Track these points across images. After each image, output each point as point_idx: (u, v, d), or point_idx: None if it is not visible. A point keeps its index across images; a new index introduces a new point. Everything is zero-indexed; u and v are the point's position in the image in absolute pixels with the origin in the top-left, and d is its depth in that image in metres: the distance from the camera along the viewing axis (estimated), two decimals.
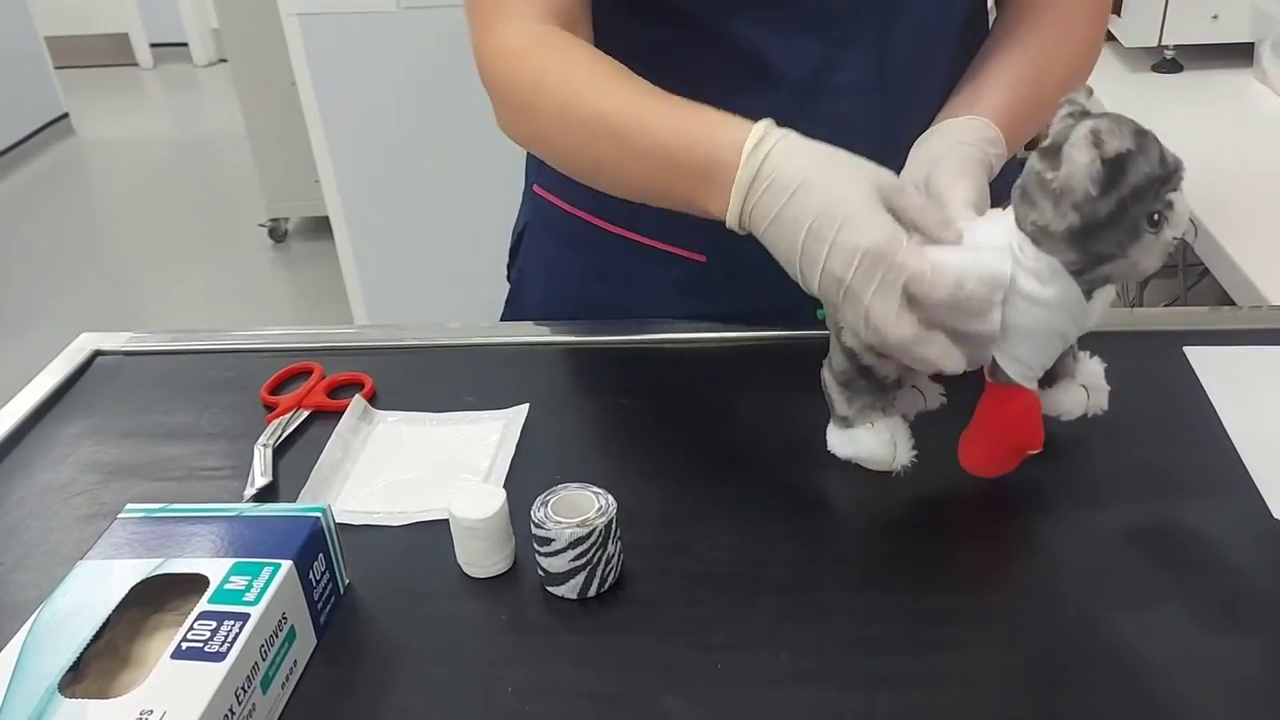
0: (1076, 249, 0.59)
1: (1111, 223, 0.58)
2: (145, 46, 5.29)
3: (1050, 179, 0.58)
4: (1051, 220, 0.58)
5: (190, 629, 0.52)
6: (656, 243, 0.87)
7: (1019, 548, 0.66)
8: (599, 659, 0.58)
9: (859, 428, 0.67)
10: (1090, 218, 0.57)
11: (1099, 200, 0.57)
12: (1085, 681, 0.55)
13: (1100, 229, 0.58)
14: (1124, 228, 0.58)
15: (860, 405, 0.67)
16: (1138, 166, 0.57)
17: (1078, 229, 0.58)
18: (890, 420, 0.68)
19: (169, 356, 0.91)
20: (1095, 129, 0.56)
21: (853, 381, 0.66)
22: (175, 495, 0.73)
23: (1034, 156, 0.60)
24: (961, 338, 0.61)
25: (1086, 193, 0.56)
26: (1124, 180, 0.56)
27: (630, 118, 0.69)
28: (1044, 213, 0.59)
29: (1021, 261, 0.60)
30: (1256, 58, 1.55)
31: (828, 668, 0.57)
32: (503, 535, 0.63)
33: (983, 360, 0.64)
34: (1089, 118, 0.58)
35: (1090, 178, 0.56)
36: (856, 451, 0.68)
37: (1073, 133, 0.57)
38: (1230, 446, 0.71)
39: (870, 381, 0.66)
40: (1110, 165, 0.56)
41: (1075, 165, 0.56)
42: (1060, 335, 0.63)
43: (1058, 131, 0.59)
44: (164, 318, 2.98)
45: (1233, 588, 0.60)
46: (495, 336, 0.90)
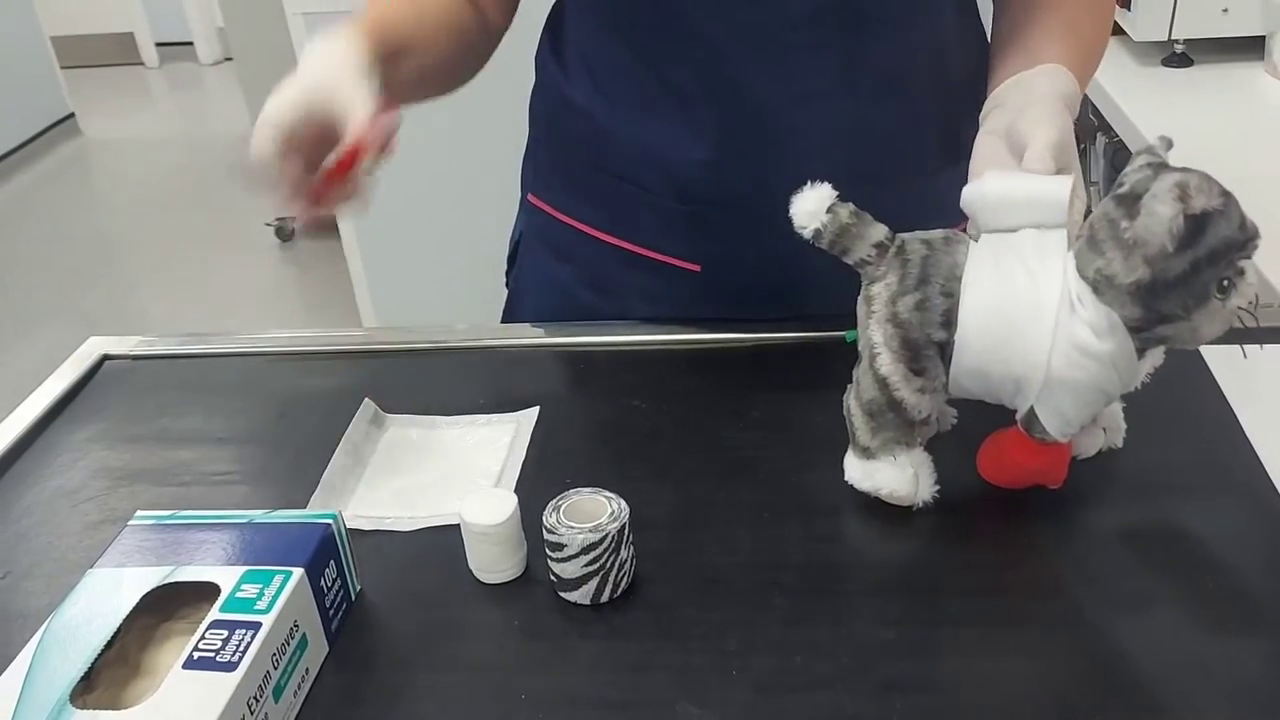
0: (1141, 304, 0.57)
1: (1182, 282, 0.56)
2: (151, 46, 5.29)
3: (1125, 228, 0.56)
4: (1119, 271, 0.57)
5: (202, 638, 0.52)
6: (649, 252, 0.86)
7: (1035, 550, 0.65)
8: (613, 665, 0.58)
9: (880, 460, 0.65)
10: (1161, 274, 0.56)
11: (1174, 257, 0.55)
12: (1103, 686, 0.55)
13: (1169, 287, 0.56)
14: (1193, 289, 0.56)
15: (885, 438, 0.64)
16: (1218, 228, 0.55)
17: (1146, 284, 0.56)
18: (914, 454, 0.65)
19: (178, 360, 0.90)
20: (1183, 183, 0.53)
21: (881, 413, 0.64)
22: (185, 501, 0.73)
23: (1107, 202, 0.58)
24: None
25: (1162, 248, 0.54)
26: (1202, 240, 0.55)
27: None
28: (1112, 262, 0.57)
29: (1078, 311, 0.58)
30: (1267, 51, 1.54)
31: (843, 672, 0.56)
32: (514, 540, 0.62)
33: (1018, 408, 0.62)
34: (1170, 169, 0.56)
35: (1170, 232, 0.54)
36: (877, 486, 0.65)
37: (1155, 184, 0.55)
38: (1249, 447, 0.70)
39: (899, 415, 0.63)
40: (1192, 222, 0.54)
41: (1156, 217, 0.54)
42: (1105, 393, 0.61)
43: (1137, 180, 0.56)
44: (171, 318, 2.99)
45: (1254, 591, 0.60)
46: (504, 339, 0.90)
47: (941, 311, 0.61)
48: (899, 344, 0.62)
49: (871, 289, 0.63)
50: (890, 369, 0.62)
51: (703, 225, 0.82)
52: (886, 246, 0.62)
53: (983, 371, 0.61)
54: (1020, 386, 0.61)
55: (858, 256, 0.63)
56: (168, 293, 3.15)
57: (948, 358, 0.61)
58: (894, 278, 0.62)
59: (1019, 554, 0.65)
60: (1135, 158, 0.59)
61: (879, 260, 0.62)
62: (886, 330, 0.62)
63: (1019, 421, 0.63)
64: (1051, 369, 0.59)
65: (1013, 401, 0.63)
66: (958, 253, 0.62)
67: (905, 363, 0.62)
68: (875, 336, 0.62)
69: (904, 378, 0.62)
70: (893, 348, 0.62)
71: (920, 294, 0.61)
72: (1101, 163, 1.60)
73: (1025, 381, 0.60)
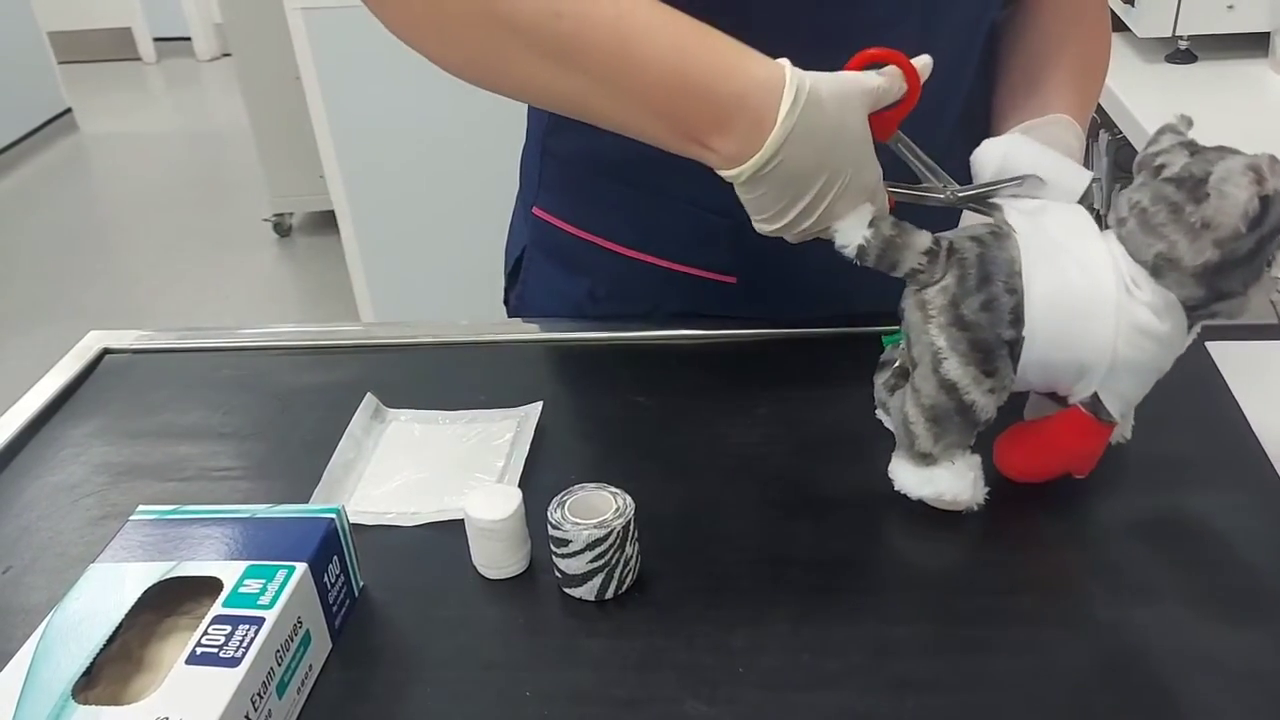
0: (1205, 285, 0.58)
1: (1246, 260, 0.57)
2: (148, 41, 5.28)
3: (1189, 211, 0.56)
4: (1185, 254, 0.57)
5: (205, 633, 0.51)
6: (678, 265, 0.84)
7: (1044, 547, 0.65)
8: (619, 662, 0.57)
9: (940, 466, 0.64)
10: (1230, 255, 0.56)
11: (1244, 238, 0.55)
12: (1115, 683, 0.54)
13: (1235, 266, 0.57)
14: (1255, 267, 0.57)
15: (947, 443, 0.63)
16: (1278, 205, 0.56)
17: (1214, 265, 0.57)
18: (970, 457, 0.64)
19: (179, 355, 0.90)
20: (1255, 165, 0.54)
21: (947, 418, 0.62)
22: (187, 496, 0.72)
23: (1160, 185, 0.58)
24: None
25: (1236, 230, 0.55)
26: (1267, 219, 0.56)
27: (635, 16, 0.60)
28: (1176, 245, 0.57)
29: (1135, 294, 0.59)
30: (1272, 48, 1.53)
31: (851, 670, 0.56)
32: (519, 536, 0.62)
33: (1078, 394, 0.62)
34: (1228, 151, 0.57)
35: (1246, 214, 0.54)
36: (939, 492, 0.64)
37: (1220, 166, 0.55)
38: (1256, 443, 0.70)
39: (965, 419, 0.62)
40: (1263, 203, 0.55)
41: (1232, 200, 0.54)
42: (1161, 371, 0.62)
43: (1188, 163, 0.57)
44: (170, 314, 2.98)
45: (1261, 586, 0.59)
46: (507, 334, 0.89)
47: (1010, 309, 0.60)
48: (968, 346, 0.61)
49: (925, 293, 0.62)
50: (960, 373, 0.61)
51: (743, 237, 0.79)
52: (936, 251, 0.61)
53: (1049, 363, 0.61)
54: (1084, 373, 0.61)
55: (908, 267, 0.61)
56: (166, 288, 3.14)
57: (1016, 355, 0.61)
58: (952, 279, 0.61)
59: (1030, 551, 0.65)
60: (1159, 137, 0.59)
61: (931, 266, 0.61)
62: (951, 334, 0.61)
63: (1081, 405, 0.62)
64: (1117, 353, 0.60)
65: (1072, 387, 0.62)
66: (1010, 247, 0.61)
67: (977, 365, 0.61)
68: (939, 341, 0.61)
69: (975, 380, 0.61)
70: (960, 350, 0.61)
71: (985, 294, 0.60)
72: (1105, 159, 1.59)
73: (1090, 368, 0.61)
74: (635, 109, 0.62)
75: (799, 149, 0.59)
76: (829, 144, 0.59)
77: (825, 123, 0.59)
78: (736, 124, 0.59)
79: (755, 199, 0.61)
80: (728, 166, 0.60)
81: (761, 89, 0.59)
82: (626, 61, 0.60)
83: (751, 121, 0.59)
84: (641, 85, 0.61)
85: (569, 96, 0.64)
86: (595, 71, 0.61)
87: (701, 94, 0.59)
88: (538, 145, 0.90)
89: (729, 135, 0.59)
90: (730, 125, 0.59)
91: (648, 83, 0.60)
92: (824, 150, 0.59)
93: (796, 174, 0.60)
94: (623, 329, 0.86)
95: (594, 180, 0.85)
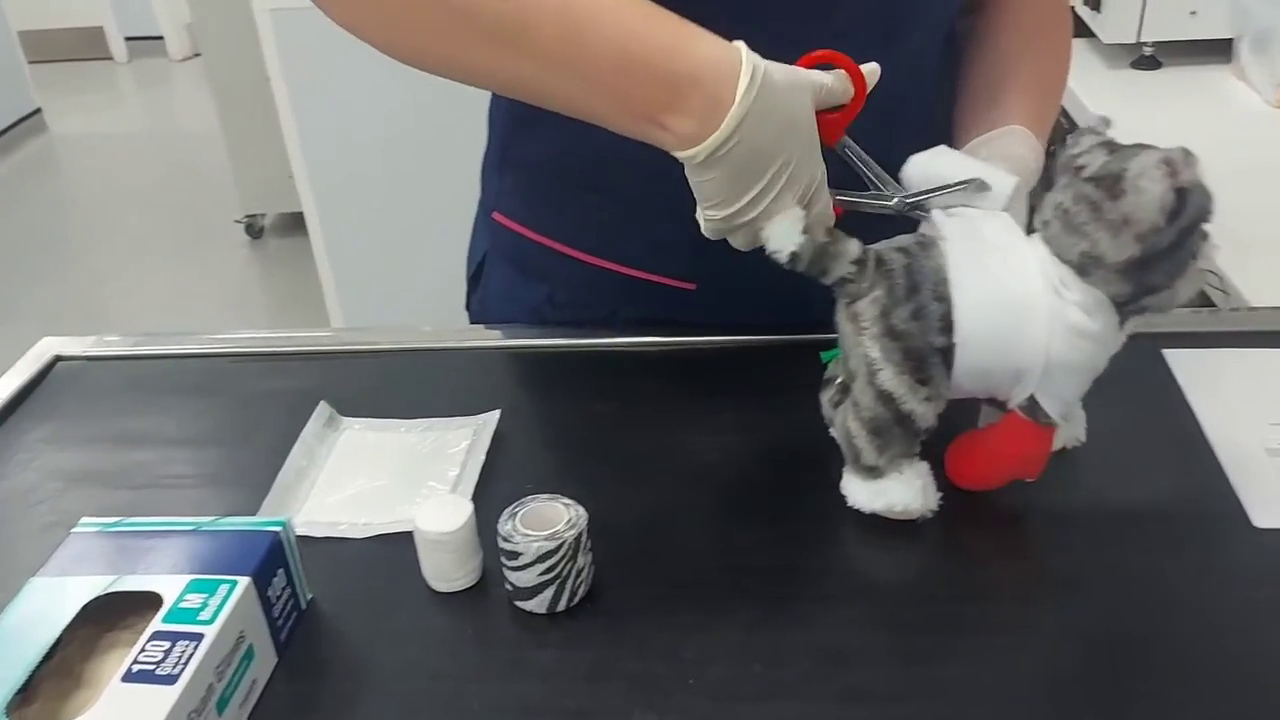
0: (1131, 280, 0.58)
1: (1169, 254, 0.57)
2: (119, 40, 5.22)
3: (1109, 208, 0.56)
4: (1108, 251, 0.57)
5: (142, 650, 0.51)
6: (638, 271, 0.83)
7: (997, 556, 0.65)
8: (568, 673, 0.57)
9: (888, 478, 0.64)
10: (1152, 249, 0.56)
11: (1164, 231, 0.56)
12: (1064, 692, 0.54)
13: (1158, 260, 0.57)
14: (1178, 260, 0.57)
15: (891, 454, 0.63)
16: (1196, 197, 0.56)
17: (1137, 260, 0.57)
18: (917, 465, 0.64)
19: (134, 361, 0.88)
20: (1169, 159, 0.54)
21: (888, 429, 0.62)
22: (139, 504, 0.71)
23: (1080, 185, 0.58)
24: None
25: (1154, 224, 0.55)
26: (1185, 211, 0.56)
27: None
28: (1099, 243, 0.57)
29: (1064, 295, 0.59)
30: (1235, 54, 1.55)
31: (802, 680, 0.56)
32: (469, 548, 0.61)
33: (1015, 398, 0.62)
34: (1141, 147, 0.57)
35: (1162, 208, 0.54)
36: (890, 504, 0.64)
37: (1134, 162, 0.55)
38: (1210, 452, 0.70)
39: (905, 429, 0.62)
40: (1179, 195, 0.55)
41: (1148, 194, 0.54)
42: (1097, 369, 0.62)
43: (1106, 161, 0.57)
44: (139, 316, 2.95)
45: (1212, 596, 0.60)
46: (467, 340, 0.88)
47: (939, 317, 0.60)
48: (901, 356, 0.61)
49: (856, 306, 0.62)
50: (895, 382, 0.61)
51: (702, 244, 0.78)
52: (864, 261, 0.62)
53: (983, 369, 0.61)
54: (1020, 376, 0.61)
55: (838, 274, 0.62)
56: (135, 291, 3.11)
57: (949, 362, 0.61)
58: (881, 290, 0.61)
59: (982, 560, 0.65)
60: (1080, 139, 0.59)
61: (860, 276, 0.61)
62: (884, 344, 0.61)
63: (1019, 409, 0.62)
64: (1050, 355, 0.60)
65: (1010, 392, 0.63)
66: (936, 255, 0.62)
67: (911, 374, 0.61)
68: (873, 352, 0.61)
69: (910, 389, 0.61)
70: (894, 361, 0.61)
71: (914, 303, 0.60)
72: None
73: (1026, 371, 0.61)
74: (588, 90, 0.61)
75: (756, 129, 0.58)
76: (782, 128, 0.59)
77: (779, 106, 0.59)
78: (692, 102, 0.58)
79: (708, 183, 0.60)
80: (684, 147, 0.59)
81: (717, 67, 0.58)
82: (577, 42, 0.59)
83: (709, 100, 0.58)
84: (593, 65, 0.59)
85: (520, 79, 0.63)
86: (546, 53, 0.60)
87: (655, 72, 0.59)
88: (498, 150, 0.89)
89: (685, 114, 0.58)
90: (686, 104, 0.58)
91: (600, 63, 0.59)
92: (778, 134, 0.59)
93: (752, 156, 0.59)
94: (583, 335, 0.86)
95: (553, 186, 0.84)
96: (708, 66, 0.58)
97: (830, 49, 0.63)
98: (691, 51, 0.59)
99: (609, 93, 0.60)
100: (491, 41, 0.60)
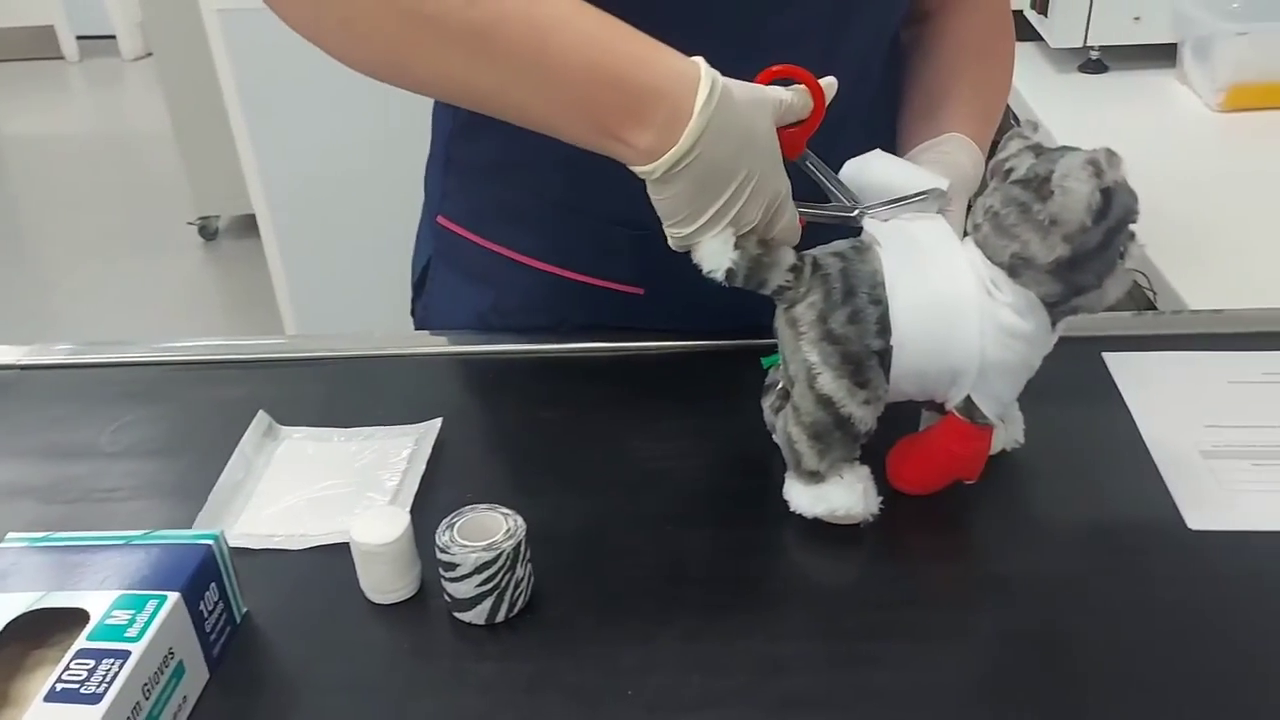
0: (1061, 280, 0.59)
1: (1097, 253, 0.58)
2: (71, 39, 5.13)
3: (1037, 210, 0.57)
4: (1038, 252, 0.58)
5: (66, 668, 0.50)
6: (585, 277, 0.83)
7: (936, 559, 0.65)
8: (506, 686, 0.57)
9: (829, 483, 0.64)
10: (1081, 249, 0.57)
11: (1091, 231, 0.56)
12: (1001, 698, 0.55)
13: (1087, 260, 0.58)
14: (1106, 258, 0.58)
15: (833, 459, 0.63)
16: (1122, 197, 0.57)
17: (1066, 260, 0.57)
18: (857, 469, 0.65)
19: (71, 371, 0.87)
20: (1094, 159, 0.55)
21: (828, 433, 0.63)
22: (71, 518, 0.70)
23: (1008, 187, 0.59)
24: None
25: (1081, 224, 0.56)
26: (1111, 211, 0.56)
27: (551, 6, 0.59)
28: (1029, 244, 0.58)
29: (997, 296, 0.60)
30: (1179, 58, 1.57)
31: (739, 690, 0.56)
32: (407, 560, 0.61)
33: (952, 399, 0.63)
34: (1069, 149, 0.58)
35: (1089, 208, 0.55)
36: (831, 508, 0.64)
37: (1062, 163, 0.56)
38: (1146, 454, 0.71)
39: (846, 432, 0.62)
40: (1104, 195, 0.56)
41: (1074, 195, 0.55)
42: (1031, 368, 0.63)
43: (1034, 163, 0.58)
44: (90, 320, 2.90)
45: (1147, 598, 0.60)
46: (411, 347, 0.88)
47: (875, 320, 0.61)
48: (839, 359, 0.61)
49: (794, 311, 0.62)
50: (834, 386, 0.61)
51: (649, 248, 0.77)
52: (800, 268, 0.62)
53: (920, 370, 0.62)
54: (956, 378, 0.62)
55: (775, 284, 0.62)
56: (87, 294, 3.05)
57: (887, 365, 0.61)
58: (818, 295, 0.61)
59: (922, 564, 0.65)
60: (1007, 143, 0.60)
61: (797, 283, 0.62)
62: (823, 349, 0.61)
63: (956, 411, 0.63)
64: (985, 356, 0.60)
65: (947, 394, 0.63)
66: (871, 259, 0.62)
67: (849, 377, 0.61)
68: (812, 357, 0.61)
69: (849, 392, 0.61)
70: (833, 364, 0.61)
71: (850, 306, 0.61)
72: None
73: (961, 373, 0.61)
74: (550, 102, 0.60)
75: (715, 144, 0.58)
76: (742, 143, 0.59)
77: (739, 121, 0.59)
78: (652, 116, 0.58)
79: (669, 199, 0.60)
80: (643, 161, 0.59)
81: (677, 81, 0.58)
82: (540, 53, 0.59)
83: (668, 114, 0.57)
84: (556, 77, 0.59)
85: (481, 90, 0.62)
86: (508, 63, 0.59)
87: (616, 85, 0.58)
88: (442, 153, 0.88)
89: (645, 128, 0.58)
90: (646, 117, 0.58)
91: (562, 75, 0.59)
92: (738, 149, 0.59)
93: (711, 171, 0.58)
94: (528, 341, 0.85)
95: (498, 190, 0.84)
96: (669, 79, 0.58)
97: (787, 59, 0.63)
98: (653, 63, 0.59)
99: (572, 103, 0.60)
100: (456, 50, 0.60)
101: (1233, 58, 1.43)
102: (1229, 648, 0.57)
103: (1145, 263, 1.12)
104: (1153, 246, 1.11)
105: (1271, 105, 1.45)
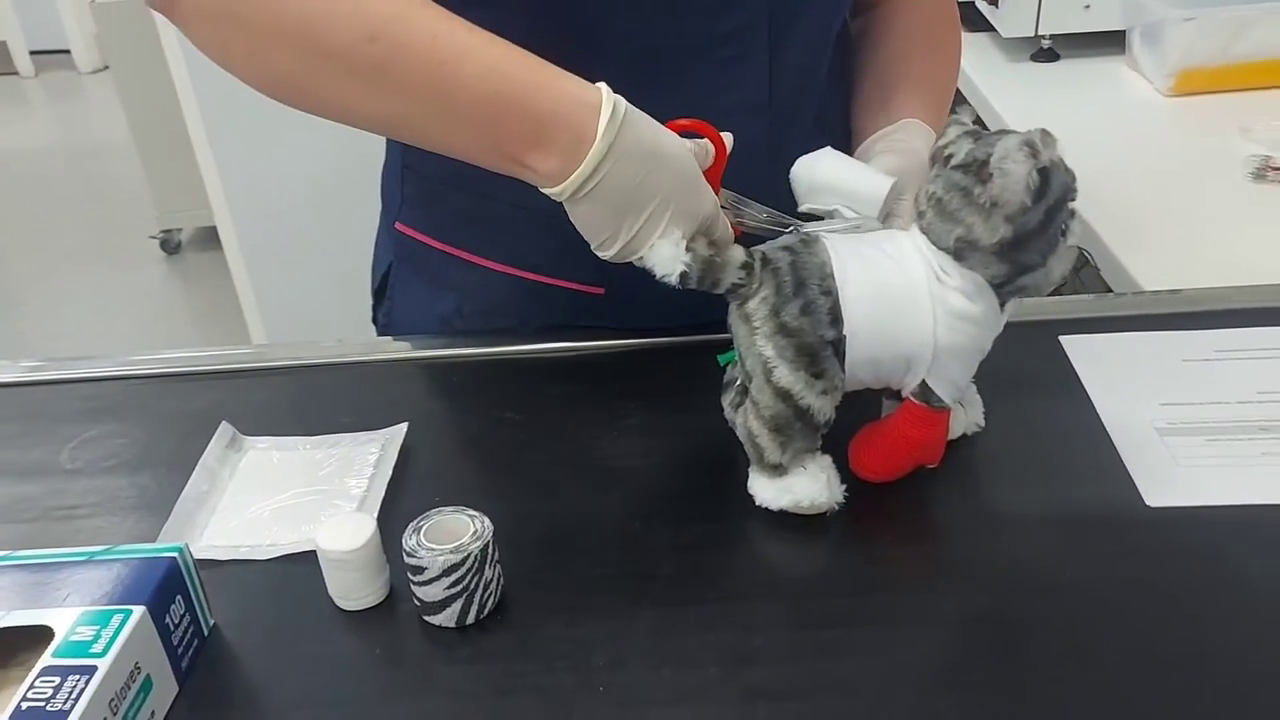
0: (1005, 261, 0.60)
1: (1039, 232, 0.59)
2: (25, 54, 5.07)
3: (978, 193, 0.58)
4: (982, 234, 0.59)
5: (31, 686, 0.49)
6: (545, 278, 0.83)
7: (900, 546, 0.66)
8: (477, 689, 0.57)
9: (792, 474, 0.65)
10: (1022, 229, 0.58)
11: (1031, 210, 0.58)
12: (966, 681, 0.55)
13: (1030, 239, 0.59)
14: (1048, 237, 0.59)
15: (795, 450, 0.64)
16: (1060, 176, 0.58)
17: (1009, 241, 0.59)
18: (820, 459, 0.65)
19: (24, 388, 0.86)
20: (1029, 141, 0.56)
21: (788, 425, 0.63)
22: (31, 537, 0.69)
23: (950, 173, 0.60)
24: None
25: (1021, 204, 0.57)
26: (1049, 190, 0.58)
27: (451, 39, 0.60)
28: (973, 228, 0.59)
29: (945, 281, 0.61)
30: (1128, 45, 1.59)
31: (707, 683, 0.56)
32: (374, 566, 0.61)
33: (908, 385, 0.64)
34: (1004, 132, 0.59)
35: (1028, 188, 0.56)
36: (796, 500, 0.64)
37: (999, 146, 0.57)
38: (1105, 434, 0.72)
39: (805, 424, 0.63)
40: (1042, 175, 0.57)
41: (1013, 176, 0.56)
42: (982, 351, 0.64)
43: (973, 148, 0.59)
44: (52, 336, 2.86)
45: (1109, 576, 0.61)
46: (374, 354, 0.87)
47: (827, 310, 0.61)
48: (794, 352, 0.62)
49: (747, 306, 0.63)
50: (791, 379, 0.62)
51: None
52: (751, 264, 0.63)
53: (874, 359, 0.63)
54: (911, 364, 0.63)
55: (729, 283, 0.63)
56: (48, 310, 3.02)
57: (841, 354, 0.62)
58: (769, 290, 0.62)
59: (886, 550, 0.66)
60: (947, 130, 0.62)
61: (749, 280, 0.62)
62: (777, 342, 0.62)
63: (912, 396, 0.64)
64: (937, 340, 0.61)
65: (902, 380, 0.64)
66: (820, 251, 0.63)
67: (805, 369, 0.62)
68: (767, 351, 0.62)
69: (806, 384, 0.62)
70: (788, 357, 0.62)
71: (802, 298, 0.61)
72: None
73: (915, 359, 0.62)
74: (452, 130, 0.62)
75: (620, 166, 0.59)
76: (649, 164, 0.60)
77: (644, 142, 0.60)
78: (555, 140, 0.59)
79: (586, 221, 0.62)
80: (550, 184, 0.61)
81: (578, 106, 0.59)
82: (442, 83, 0.60)
83: (571, 138, 0.59)
84: (457, 106, 0.61)
85: (386, 119, 0.64)
86: (411, 94, 0.61)
87: (517, 111, 0.60)
88: (397, 159, 0.88)
89: (548, 153, 0.60)
90: (548, 142, 0.59)
91: (464, 104, 0.60)
92: (648, 171, 0.60)
93: (621, 192, 0.60)
94: (490, 344, 0.86)
95: (455, 194, 0.84)
96: (570, 104, 0.59)
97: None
98: (553, 89, 0.60)
99: (476, 132, 0.62)
100: (359, 82, 0.61)
101: (1181, 43, 1.45)
102: (1190, 622, 0.58)
103: (1093, 240, 1.13)
104: (1106, 229, 1.13)
105: (1220, 88, 1.47)
